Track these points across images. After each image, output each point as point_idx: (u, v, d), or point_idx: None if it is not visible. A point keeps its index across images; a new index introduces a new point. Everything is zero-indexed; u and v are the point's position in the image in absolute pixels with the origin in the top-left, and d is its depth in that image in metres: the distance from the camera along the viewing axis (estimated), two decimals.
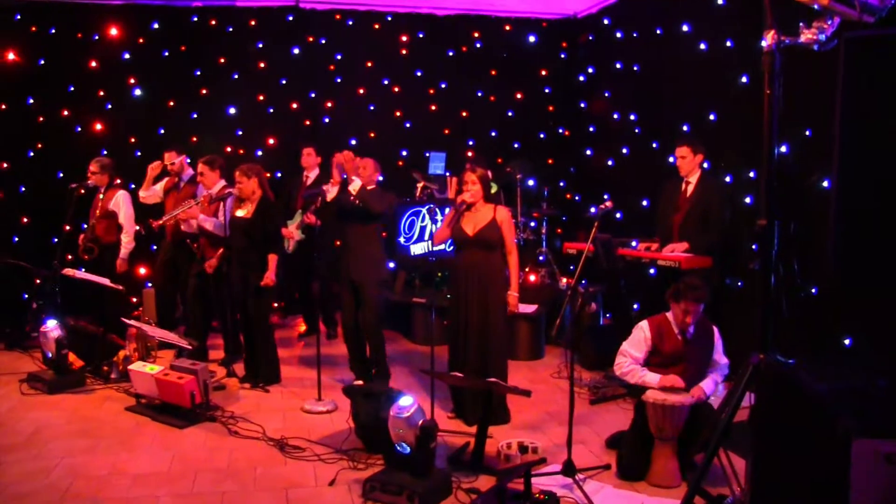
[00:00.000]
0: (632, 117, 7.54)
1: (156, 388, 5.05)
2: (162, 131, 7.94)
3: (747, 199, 5.66)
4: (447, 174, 7.98)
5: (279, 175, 8.16)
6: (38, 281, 6.73)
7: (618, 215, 7.43)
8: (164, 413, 5.05)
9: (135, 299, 7.64)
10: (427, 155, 8.20)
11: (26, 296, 7.19)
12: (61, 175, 7.55)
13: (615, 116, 7.88)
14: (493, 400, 4.53)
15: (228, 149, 7.99)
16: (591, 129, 8.51)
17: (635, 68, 7.49)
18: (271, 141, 8.27)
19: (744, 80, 5.71)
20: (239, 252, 5.61)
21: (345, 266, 5.31)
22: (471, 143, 8.75)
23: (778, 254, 3.21)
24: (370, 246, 5.28)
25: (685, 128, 6.45)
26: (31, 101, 7.67)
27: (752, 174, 5.63)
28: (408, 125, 8.67)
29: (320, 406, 5.16)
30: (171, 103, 7.93)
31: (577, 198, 8.74)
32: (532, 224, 7.86)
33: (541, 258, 7.62)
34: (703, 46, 6.29)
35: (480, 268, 4.67)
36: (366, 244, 5.26)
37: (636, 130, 7.48)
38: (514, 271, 4.77)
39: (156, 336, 5.52)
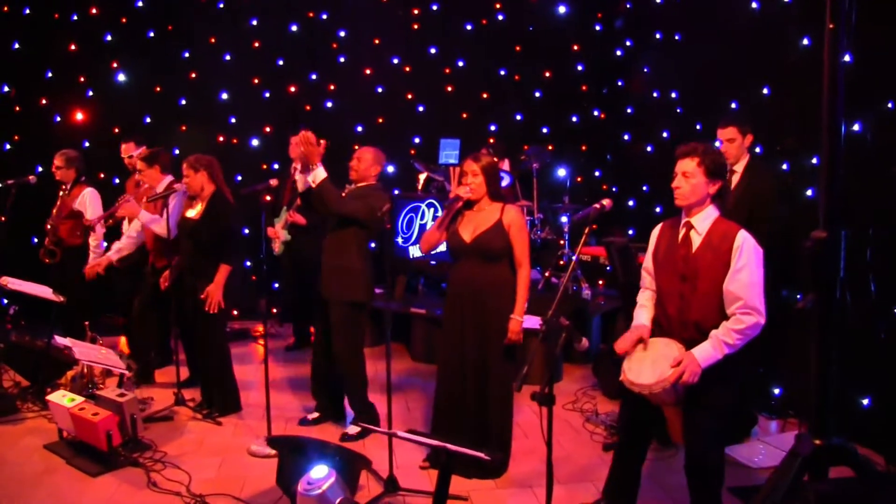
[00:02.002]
0: (673, 95, 6.90)
1: (72, 425, 4.18)
2: (148, 119, 7.44)
3: (809, 192, 4.81)
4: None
5: (276, 167, 7.58)
6: None
7: (657, 209, 6.83)
8: (81, 454, 4.22)
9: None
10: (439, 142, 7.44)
11: None
12: (40, 169, 6.94)
13: (655, 95, 7.20)
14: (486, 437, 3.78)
15: (221, 138, 7.58)
16: (628, 110, 7.83)
17: (677, 38, 6.77)
18: (267, 129, 7.70)
19: (805, 42, 4.79)
20: (188, 259, 4.85)
21: (317, 277, 4.59)
22: (492, 128, 8.07)
23: (844, 278, 2.25)
24: (343, 257, 4.43)
25: (733, 105, 5.68)
26: (6, 89, 7.18)
27: (815, 160, 4.79)
28: (420, 109, 8.07)
29: (269, 449, 4.22)
30: (158, 89, 7.42)
31: (614, 189, 7.98)
32: (563, 219, 7.04)
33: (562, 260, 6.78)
34: (754, 5, 5.43)
35: (480, 284, 3.82)
36: (338, 253, 4.43)
37: (678, 111, 6.77)
38: (522, 289, 3.84)
39: (83, 359, 4.67)
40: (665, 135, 6.93)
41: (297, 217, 5.98)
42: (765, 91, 5.32)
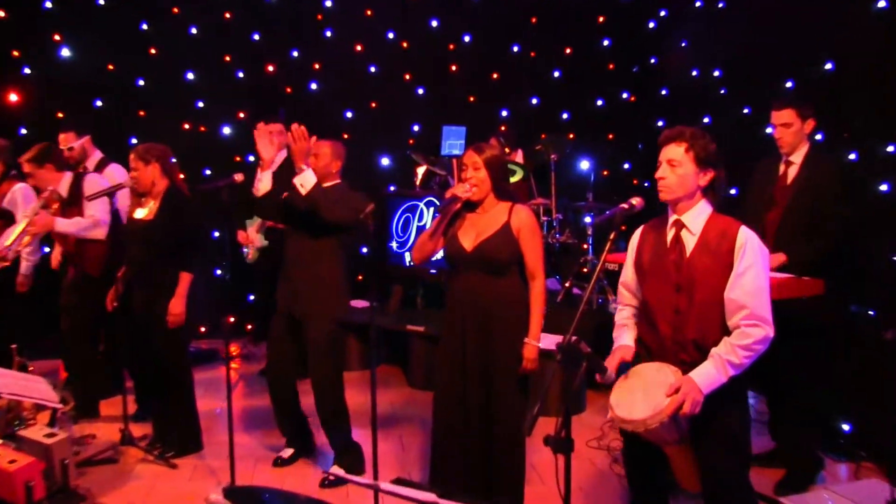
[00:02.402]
0: (716, 74, 6.88)
1: None
2: (99, 103, 7.31)
3: (884, 187, 4.74)
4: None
5: (251, 159, 7.38)
6: None
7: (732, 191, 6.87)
8: None
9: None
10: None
11: None
12: None
13: (694, 74, 7.26)
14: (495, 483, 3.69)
15: (186, 126, 7.52)
16: (663, 92, 7.88)
17: (720, 5, 6.75)
18: (241, 115, 7.59)
19: (881, 3, 4.73)
20: (140, 269, 4.71)
21: (283, 291, 4.56)
22: (504, 114, 8.15)
23: None
24: (323, 266, 4.45)
25: (788, 84, 5.65)
26: None
27: (891, 148, 4.71)
28: (420, 92, 8.07)
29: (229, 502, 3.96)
30: (111, 67, 7.29)
31: (645, 184, 7.90)
32: (586, 220, 7.06)
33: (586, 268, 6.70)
34: None
35: (484, 301, 3.70)
36: (315, 263, 4.45)
37: (721, 92, 6.76)
38: (537, 307, 3.74)
39: (3, 391, 4.43)
40: (706, 120, 6.92)
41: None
42: (828, 66, 5.28)
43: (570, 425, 2.57)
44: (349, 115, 7.83)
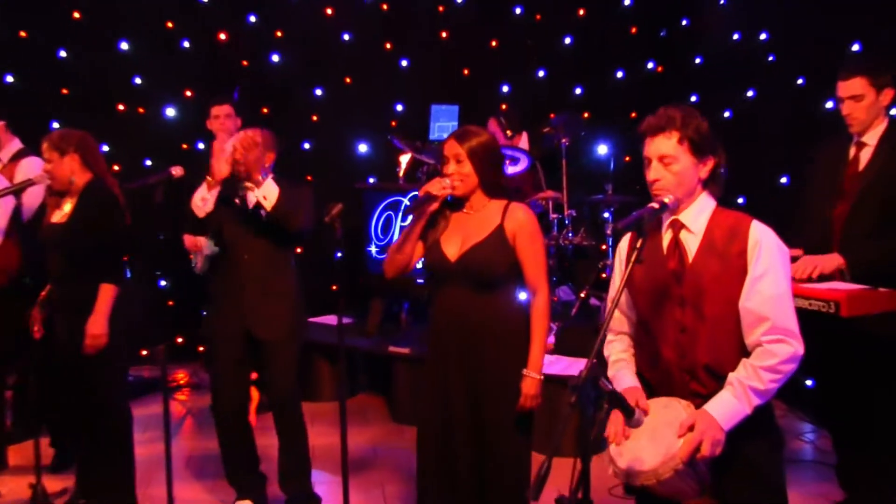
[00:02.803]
0: (762, 37, 6.96)
1: None
2: (10, 79, 7.20)
3: None
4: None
5: (201, 146, 7.35)
6: None
7: (739, 200, 6.92)
8: None
9: None
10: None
11: None
12: None
13: (735, 38, 7.30)
14: None
15: (121, 107, 7.44)
16: (697, 61, 7.91)
17: None
18: (188, 93, 7.63)
19: None
20: (59, 284, 4.57)
21: (234, 311, 4.59)
22: (504, 90, 8.24)
23: None
24: (278, 279, 4.62)
25: (855, 47, 5.72)
26: None
27: None
28: (404, 64, 8.10)
29: None
30: (23, 34, 7.19)
31: None
32: (605, 215, 6.95)
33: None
34: None
35: (473, 322, 3.59)
36: (270, 276, 4.59)
37: (769, 59, 6.82)
38: (539, 329, 3.63)
39: None
40: (750, 94, 6.99)
41: None
42: None
43: (589, 484, 2.48)
44: (318, 93, 7.82)
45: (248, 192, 4.45)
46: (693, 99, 7.77)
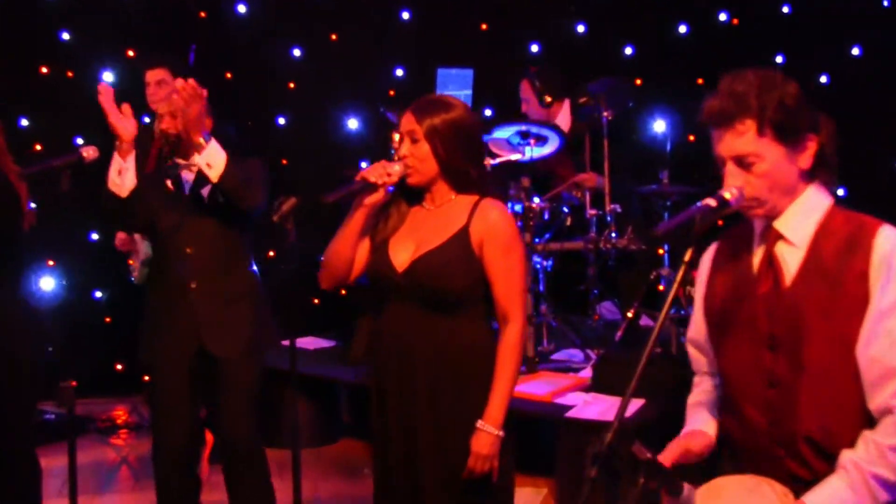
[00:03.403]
0: None
1: None
2: None
3: None
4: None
5: (146, 120, 6.86)
6: None
7: (840, 192, 6.59)
8: None
9: None
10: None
11: None
12: None
13: None
14: None
15: (44, 69, 7.40)
16: (784, 9, 7.99)
17: None
18: (130, 53, 7.52)
19: None
20: None
21: (179, 322, 4.60)
22: (534, 48, 8.21)
23: None
24: (234, 277, 4.64)
25: None
26: None
27: None
28: (405, 17, 8.06)
29: None
30: None
31: None
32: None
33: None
34: None
35: (420, 353, 3.54)
36: (227, 271, 4.62)
37: (884, 4, 7.07)
38: (506, 368, 3.52)
39: None
40: (855, 52, 7.32)
41: None
42: None
43: None
44: (297, 53, 7.83)
45: (182, 169, 4.45)
46: (779, 60, 7.73)
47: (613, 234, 6.35)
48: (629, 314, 6.11)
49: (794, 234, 2.63)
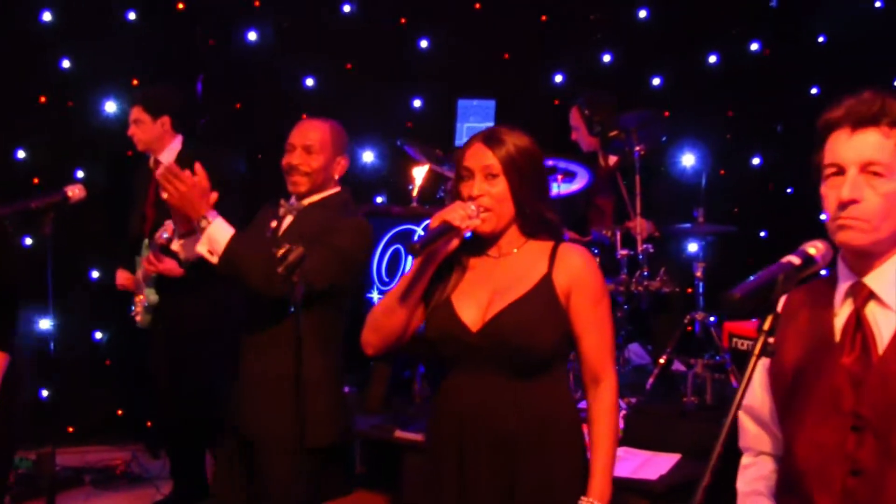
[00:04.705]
0: None
1: None
2: None
3: None
4: None
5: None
6: None
7: None
8: None
9: None
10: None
11: None
12: None
13: (878, 5, 7.61)
14: None
15: (42, 99, 7.27)
16: (820, 40, 7.87)
17: None
18: (135, 83, 7.32)
19: None
20: None
21: (232, 397, 4.50)
22: (558, 79, 8.07)
23: None
24: (281, 350, 4.20)
25: None
26: None
27: None
28: (423, 45, 7.94)
29: None
30: None
31: (788, 190, 8.14)
32: (691, 247, 6.90)
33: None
34: None
35: (505, 422, 3.28)
36: (273, 346, 4.27)
37: None
38: (606, 436, 3.33)
39: None
40: None
41: (167, 263, 5.85)
42: None
43: None
44: (310, 82, 7.69)
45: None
46: (813, 92, 7.70)
47: (645, 276, 6.23)
48: (662, 360, 6.04)
49: (890, 293, 2.42)
